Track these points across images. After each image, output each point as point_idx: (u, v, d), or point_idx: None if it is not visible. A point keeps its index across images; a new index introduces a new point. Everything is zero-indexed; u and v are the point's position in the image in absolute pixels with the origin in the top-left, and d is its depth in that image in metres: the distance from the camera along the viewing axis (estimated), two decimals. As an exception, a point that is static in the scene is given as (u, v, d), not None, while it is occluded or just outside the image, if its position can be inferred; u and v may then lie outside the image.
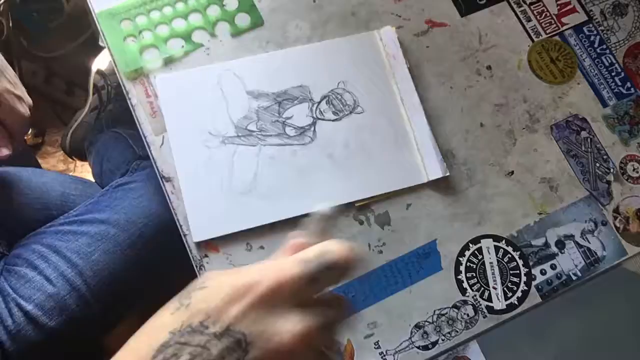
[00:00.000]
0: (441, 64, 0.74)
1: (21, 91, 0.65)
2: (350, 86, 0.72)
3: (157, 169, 0.68)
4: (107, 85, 1.11)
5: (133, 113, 0.69)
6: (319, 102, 0.70)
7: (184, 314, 0.34)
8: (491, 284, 0.67)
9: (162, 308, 0.36)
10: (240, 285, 0.35)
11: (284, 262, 0.37)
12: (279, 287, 0.35)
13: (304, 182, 0.67)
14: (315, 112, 0.70)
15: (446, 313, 0.65)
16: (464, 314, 0.66)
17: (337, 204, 0.66)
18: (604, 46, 0.79)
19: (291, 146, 0.69)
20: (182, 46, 0.71)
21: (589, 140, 0.74)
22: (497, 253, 0.68)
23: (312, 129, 0.69)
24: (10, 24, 1.10)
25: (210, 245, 0.65)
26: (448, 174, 0.69)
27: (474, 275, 0.67)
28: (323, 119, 0.70)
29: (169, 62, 0.71)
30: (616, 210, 0.72)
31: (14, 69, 0.67)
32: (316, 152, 0.69)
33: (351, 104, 0.71)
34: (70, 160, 1.31)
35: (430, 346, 0.64)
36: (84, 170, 1.33)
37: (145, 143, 0.69)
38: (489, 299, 0.66)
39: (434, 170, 0.69)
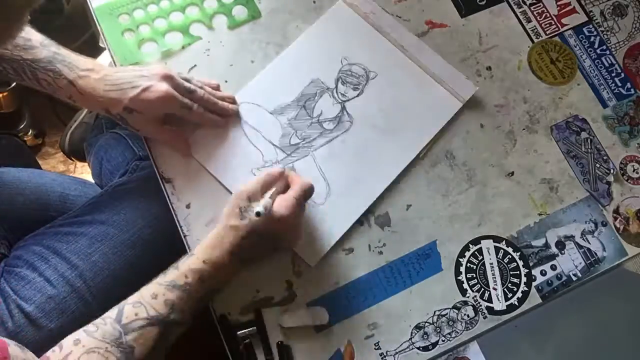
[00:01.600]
0: (441, 65, 0.74)
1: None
2: (352, 58, 0.73)
3: (157, 170, 0.68)
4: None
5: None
6: (336, 87, 0.72)
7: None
8: (491, 284, 0.67)
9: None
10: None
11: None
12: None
13: (367, 162, 0.69)
14: (339, 97, 0.71)
15: (446, 314, 0.65)
16: (464, 314, 0.66)
17: (406, 164, 0.69)
18: (604, 47, 0.79)
19: (337, 138, 0.70)
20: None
21: (589, 141, 0.74)
22: (497, 254, 0.68)
23: (345, 113, 0.71)
24: (10, 25, 1.10)
25: (210, 246, 0.65)
26: (478, 88, 0.72)
27: (474, 276, 0.67)
28: (348, 100, 0.71)
29: (167, 55, 0.71)
30: (616, 211, 0.72)
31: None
32: (361, 131, 0.70)
33: (363, 73, 0.72)
34: (70, 161, 1.31)
35: (430, 347, 0.64)
36: (83, 171, 1.33)
37: (145, 143, 0.69)
38: (489, 300, 0.66)
39: (465, 90, 0.72)
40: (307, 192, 0.61)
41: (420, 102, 0.72)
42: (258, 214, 0.55)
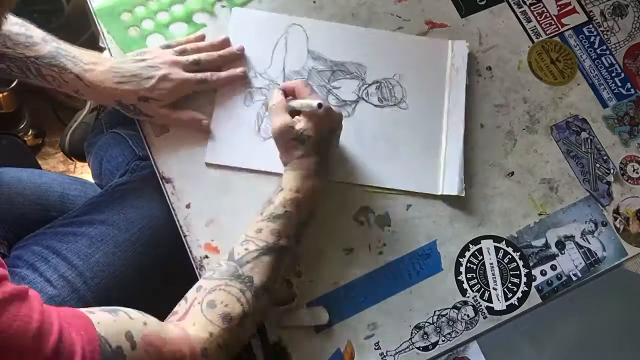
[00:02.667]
0: (441, 65, 0.74)
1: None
2: (404, 81, 0.73)
3: (157, 170, 0.68)
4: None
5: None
6: (369, 85, 0.72)
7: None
8: (491, 284, 0.67)
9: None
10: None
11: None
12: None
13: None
14: (362, 93, 0.71)
15: (446, 314, 0.65)
16: (464, 314, 0.66)
17: (349, 182, 0.69)
18: (604, 47, 0.79)
19: None
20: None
21: (589, 141, 0.74)
22: (497, 254, 0.68)
23: (353, 106, 0.71)
24: (10, 25, 1.10)
25: (210, 246, 0.65)
26: (463, 194, 0.68)
27: (474, 276, 0.67)
28: (367, 101, 0.71)
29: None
30: (616, 211, 0.72)
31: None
32: (347, 128, 0.70)
33: (399, 97, 0.72)
34: (70, 161, 1.31)
35: (430, 347, 0.64)
36: (83, 171, 1.33)
37: (145, 143, 0.69)
38: (489, 300, 0.66)
39: (451, 186, 0.69)
40: (310, 86, 0.63)
41: (412, 159, 0.69)
42: (320, 105, 0.58)
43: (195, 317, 0.52)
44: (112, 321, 0.46)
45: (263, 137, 0.68)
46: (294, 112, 0.62)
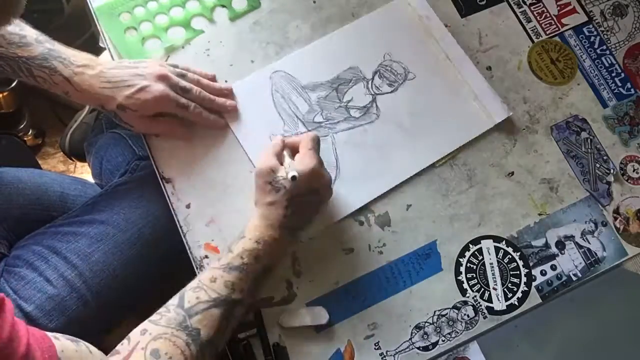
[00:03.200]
0: (441, 65, 0.74)
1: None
2: (395, 56, 0.73)
3: (157, 170, 0.68)
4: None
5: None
6: (372, 79, 0.72)
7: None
8: (491, 284, 0.67)
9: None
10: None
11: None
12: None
13: (383, 157, 0.69)
14: (372, 89, 0.72)
15: (446, 314, 0.65)
16: (464, 314, 0.66)
17: (420, 169, 0.69)
18: (604, 47, 0.79)
19: (360, 127, 0.70)
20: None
21: (589, 141, 0.74)
22: (497, 254, 0.68)
23: (374, 105, 0.71)
24: (10, 25, 1.10)
25: (210, 245, 0.65)
26: (511, 113, 0.72)
27: (474, 276, 0.67)
28: (381, 94, 0.72)
29: (170, 51, 0.71)
30: (616, 211, 0.72)
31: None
32: (385, 126, 0.71)
33: (402, 72, 0.73)
34: (70, 161, 1.31)
35: (430, 347, 0.64)
36: (83, 171, 1.33)
37: (145, 143, 0.69)
38: (489, 300, 0.66)
39: (498, 113, 0.71)
40: (316, 141, 0.62)
41: (451, 112, 0.72)
42: (294, 177, 0.56)
43: None
44: (74, 351, 0.46)
45: None
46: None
